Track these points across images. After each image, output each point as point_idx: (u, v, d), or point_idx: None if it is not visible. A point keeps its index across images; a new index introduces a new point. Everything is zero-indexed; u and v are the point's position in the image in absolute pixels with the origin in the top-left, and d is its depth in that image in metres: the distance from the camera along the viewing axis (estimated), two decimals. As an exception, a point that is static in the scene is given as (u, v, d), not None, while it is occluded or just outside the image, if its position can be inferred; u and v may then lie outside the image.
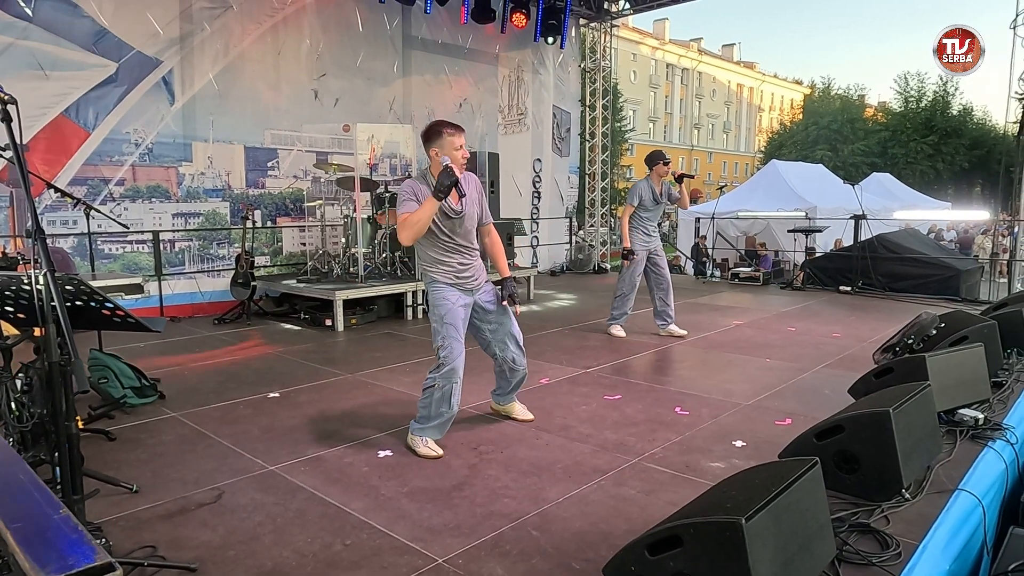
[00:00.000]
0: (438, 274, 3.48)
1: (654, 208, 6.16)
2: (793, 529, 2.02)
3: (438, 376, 3.40)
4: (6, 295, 1.89)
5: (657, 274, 6.22)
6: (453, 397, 3.41)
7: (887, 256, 9.09)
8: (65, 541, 0.85)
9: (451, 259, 3.48)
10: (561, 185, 12.24)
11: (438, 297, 3.47)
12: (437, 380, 3.40)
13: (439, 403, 3.41)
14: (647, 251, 6.18)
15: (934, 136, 32.20)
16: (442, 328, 3.43)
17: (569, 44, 11.66)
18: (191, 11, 7.33)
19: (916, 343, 4.46)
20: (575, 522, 2.69)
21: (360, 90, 8.90)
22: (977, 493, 2.84)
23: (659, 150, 6.31)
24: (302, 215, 8.41)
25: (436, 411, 3.42)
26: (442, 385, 3.39)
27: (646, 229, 6.16)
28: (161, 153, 7.28)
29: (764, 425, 3.83)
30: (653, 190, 6.10)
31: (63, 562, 0.83)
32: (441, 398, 3.40)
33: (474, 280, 3.56)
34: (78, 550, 0.85)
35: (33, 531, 0.89)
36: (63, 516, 0.97)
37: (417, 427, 3.48)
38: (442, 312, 3.44)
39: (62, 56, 6.50)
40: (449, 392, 3.40)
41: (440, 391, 3.39)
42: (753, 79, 59.02)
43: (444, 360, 3.40)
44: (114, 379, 4.09)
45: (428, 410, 3.43)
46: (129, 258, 7.21)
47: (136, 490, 2.94)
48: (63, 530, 0.87)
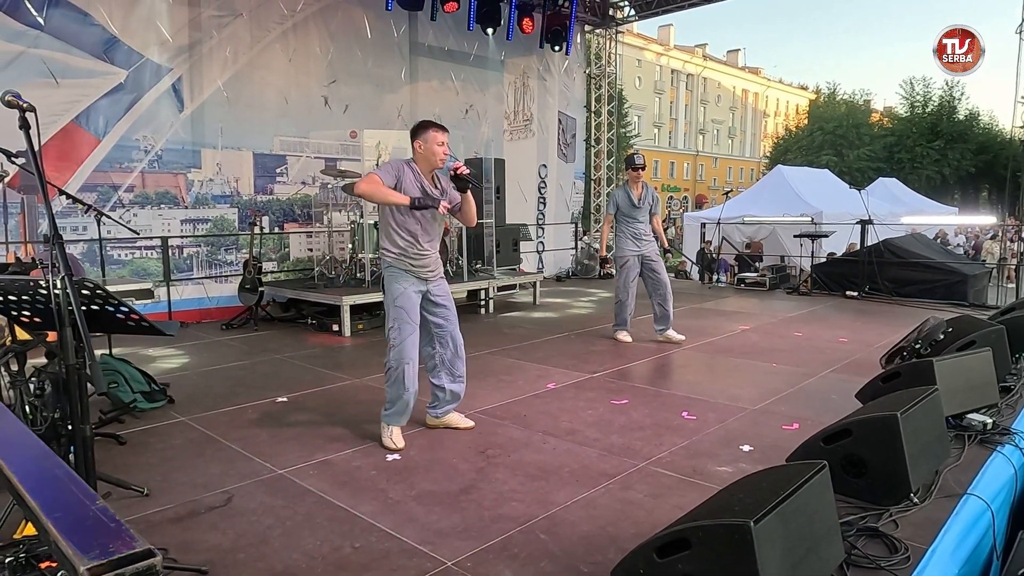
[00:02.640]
0: (395, 260, 3.64)
1: (634, 212, 6.13)
2: (801, 532, 2.02)
3: (391, 358, 3.62)
4: (23, 299, 1.92)
5: (654, 279, 6.17)
6: (407, 379, 3.57)
7: (894, 261, 9.07)
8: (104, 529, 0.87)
9: (410, 247, 3.63)
10: (566, 191, 12.26)
11: (392, 281, 3.66)
12: (391, 362, 3.61)
13: (395, 385, 3.60)
14: (638, 256, 6.16)
15: (940, 141, 32.11)
16: (393, 311, 3.62)
17: (574, 51, 11.70)
18: (200, 19, 7.40)
19: (924, 348, 4.45)
20: (583, 525, 2.70)
21: (369, 96, 8.96)
22: (986, 497, 2.83)
23: (631, 154, 6.25)
24: (310, 221, 8.45)
25: (395, 393, 3.61)
26: (395, 367, 3.59)
27: (634, 234, 6.15)
28: (170, 160, 7.34)
29: (771, 430, 3.83)
30: (629, 195, 6.12)
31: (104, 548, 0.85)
32: (397, 379, 3.59)
33: (429, 270, 3.69)
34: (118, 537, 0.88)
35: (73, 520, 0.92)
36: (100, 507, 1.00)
37: (384, 413, 3.68)
38: (395, 295, 3.63)
39: (73, 64, 6.57)
40: (402, 374, 3.57)
41: (394, 373, 3.59)
42: (758, 84, 59.02)
43: (394, 342, 3.60)
44: (124, 384, 4.12)
45: (388, 392, 3.66)
46: (138, 264, 7.26)
47: (147, 493, 2.97)
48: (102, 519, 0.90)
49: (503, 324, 7.45)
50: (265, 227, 8.03)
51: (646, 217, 6.22)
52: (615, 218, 6.28)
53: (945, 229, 19.15)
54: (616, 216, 6.26)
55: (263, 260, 7.86)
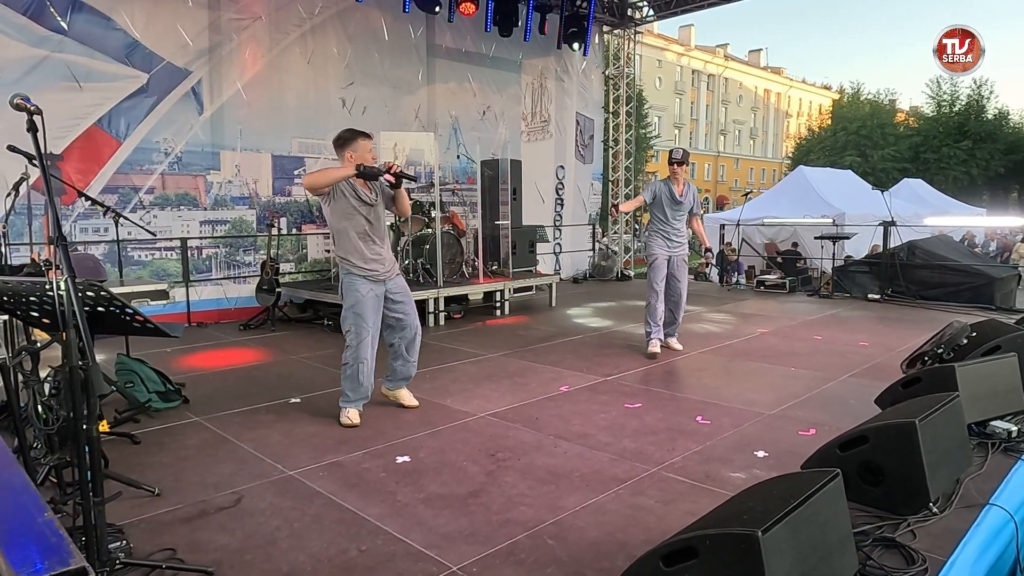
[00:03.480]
0: (352, 265, 3.92)
1: (673, 209, 5.76)
2: (812, 542, 1.97)
3: (348, 356, 3.95)
4: (31, 301, 1.94)
5: (672, 285, 5.88)
6: (361, 376, 3.94)
7: (917, 263, 8.89)
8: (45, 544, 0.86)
9: (363, 248, 3.91)
10: (584, 192, 12.21)
11: (349, 287, 3.94)
12: (348, 359, 3.95)
13: (351, 380, 3.95)
14: (667, 258, 5.82)
15: (968, 141, 31.45)
16: (350, 316, 3.94)
17: (592, 51, 11.65)
18: (220, 23, 7.48)
19: (946, 352, 4.35)
20: (591, 531, 2.67)
21: (386, 98, 8.99)
22: (1009, 508, 2.75)
23: (676, 148, 5.94)
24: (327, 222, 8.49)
25: (351, 387, 3.97)
26: (351, 363, 3.94)
27: (666, 234, 5.80)
28: (190, 162, 7.43)
29: (787, 435, 3.76)
30: (671, 189, 5.74)
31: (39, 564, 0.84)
32: (352, 375, 3.95)
33: (385, 271, 4.00)
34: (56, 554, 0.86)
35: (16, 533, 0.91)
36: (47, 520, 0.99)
37: (342, 400, 4.03)
38: (352, 302, 3.93)
39: (95, 68, 6.68)
40: (357, 371, 3.93)
41: (350, 369, 3.95)
42: (780, 84, 58.35)
43: (351, 343, 3.95)
44: (140, 383, 4.16)
45: (345, 386, 4.00)
46: (158, 264, 7.35)
47: (158, 493, 2.99)
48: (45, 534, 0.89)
49: (518, 326, 7.43)
50: (283, 228, 8.10)
51: (683, 217, 5.85)
52: (650, 213, 5.93)
53: (973, 231, 18.77)
54: (651, 211, 5.89)
55: (281, 261, 7.92)
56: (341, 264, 3.98)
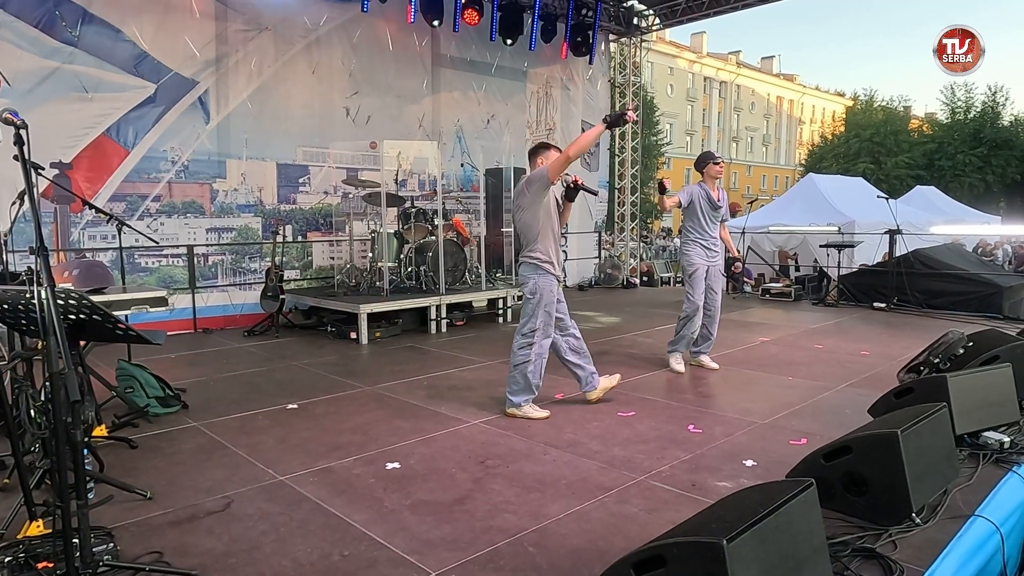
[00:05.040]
0: (547, 263, 4.22)
1: (712, 215, 5.48)
2: (782, 552, 1.98)
3: (531, 354, 4.20)
4: (17, 309, 2.00)
5: (707, 298, 5.55)
6: (541, 371, 4.25)
7: (924, 272, 8.82)
8: None
9: (555, 248, 4.27)
10: (590, 200, 12.21)
11: (546, 288, 4.21)
12: (531, 357, 4.19)
13: (534, 375, 4.21)
14: (706, 267, 5.50)
15: (983, 148, 31.13)
16: (542, 315, 4.21)
17: (598, 60, 11.70)
18: (227, 34, 7.61)
19: (943, 362, 4.32)
20: (573, 539, 2.68)
21: (391, 107, 9.09)
22: (995, 519, 2.73)
23: (708, 151, 5.63)
24: (332, 230, 8.60)
25: (525, 385, 4.22)
26: (535, 361, 4.21)
27: (704, 242, 5.47)
28: (196, 170, 7.55)
29: (778, 444, 3.75)
30: (710, 194, 5.47)
31: None
32: (536, 371, 4.22)
33: (561, 269, 4.37)
34: None
35: None
36: None
37: (519, 400, 4.25)
38: (547, 301, 4.21)
39: (105, 78, 6.82)
40: (539, 368, 4.23)
41: (532, 366, 4.20)
42: (793, 91, 58.11)
43: (536, 340, 4.22)
44: (139, 389, 4.24)
45: (525, 381, 4.21)
46: (164, 271, 7.46)
47: (150, 497, 3.04)
48: None
49: (520, 333, 7.44)
50: (288, 236, 8.19)
51: (718, 224, 5.60)
52: (684, 219, 5.53)
53: (987, 239, 18.55)
54: (685, 217, 5.52)
55: (287, 268, 8.01)
56: (534, 262, 4.21)
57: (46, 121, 6.39)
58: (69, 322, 1.83)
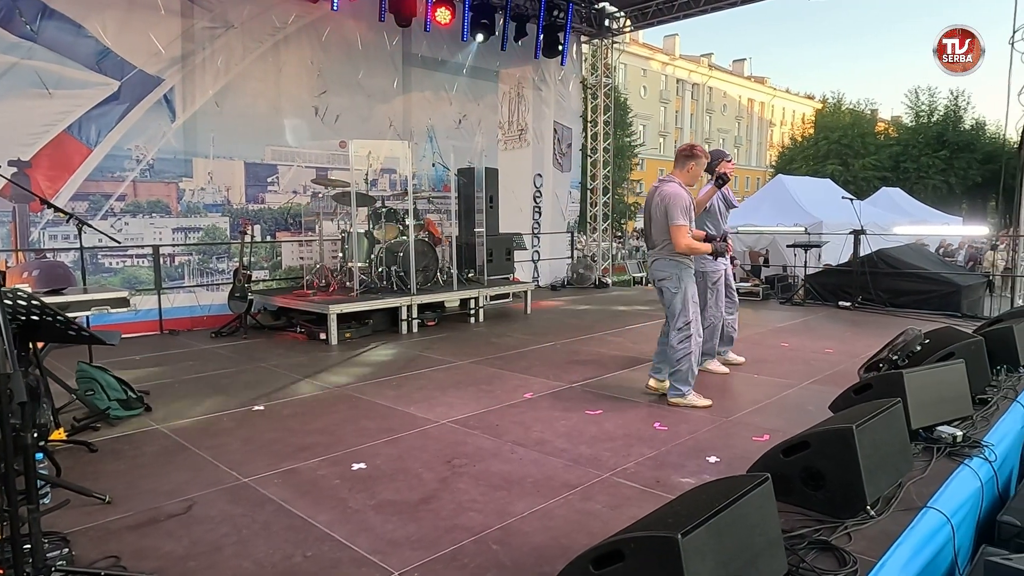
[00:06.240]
0: (686, 259, 4.54)
1: (727, 216, 5.53)
2: (738, 545, 2.02)
3: (692, 346, 4.46)
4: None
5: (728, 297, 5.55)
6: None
7: (887, 271, 9.02)
8: None
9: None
10: (562, 200, 12.29)
11: (691, 282, 4.57)
12: (692, 349, 4.46)
13: (695, 365, 4.52)
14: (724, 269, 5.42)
15: (946, 151, 31.99)
16: (692, 307, 4.53)
17: (570, 60, 11.76)
18: (193, 31, 7.49)
19: (901, 359, 4.43)
20: (536, 536, 2.70)
21: (361, 107, 9.03)
22: (946, 511, 2.81)
23: (720, 149, 5.57)
24: (301, 230, 8.52)
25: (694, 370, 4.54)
26: (695, 351, 4.49)
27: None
28: (162, 169, 7.42)
29: (741, 441, 3.81)
30: (725, 195, 5.47)
31: None
32: (695, 360, 4.51)
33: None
34: None
35: None
36: None
37: (684, 388, 4.51)
38: (693, 293, 4.57)
39: (66, 75, 6.67)
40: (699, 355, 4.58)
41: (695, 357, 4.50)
42: (764, 94, 58.99)
43: (695, 331, 4.52)
44: (100, 391, 4.15)
45: (691, 373, 4.51)
46: (129, 272, 7.32)
47: (108, 500, 2.99)
48: None
49: (491, 334, 7.46)
50: (257, 236, 8.09)
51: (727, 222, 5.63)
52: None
53: (948, 240, 19.05)
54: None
55: (255, 269, 7.91)
56: (673, 258, 4.50)
57: (4, 118, 6.26)
58: (19, 323, 1.79)
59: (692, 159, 4.57)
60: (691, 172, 4.58)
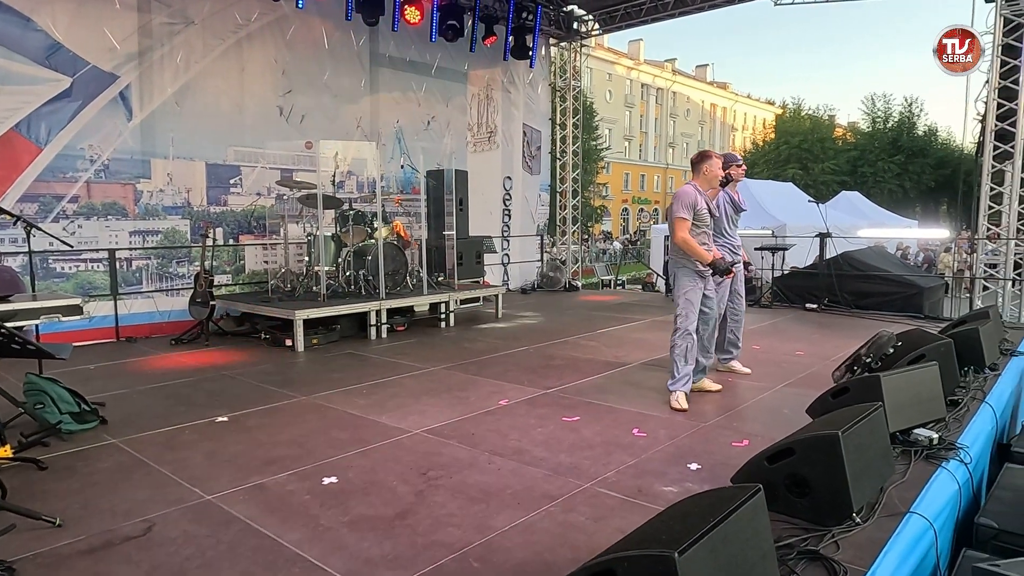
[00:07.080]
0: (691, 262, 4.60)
1: (734, 218, 5.50)
2: (733, 560, 1.95)
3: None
4: None
5: (733, 302, 5.55)
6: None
7: (852, 274, 9.17)
8: None
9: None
10: (532, 203, 12.22)
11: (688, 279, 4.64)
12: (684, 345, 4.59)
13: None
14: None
15: (901, 156, 32.97)
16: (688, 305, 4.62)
17: (539, 63, 11.71)
18: (150, 26, 7.21)
19: (874, 362, 4.46)
20: (519, 552, 2.60)
21: (327, 107, 8.82)
22: (929, 515, 2.79)
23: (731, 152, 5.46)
24: (265, 233, 8.27)
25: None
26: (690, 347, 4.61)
27: (733, 247, 5.43)
28: (118, 169, 7.11)
29: (721, 447, 3.77)
30: (733, 199, 5.46)
31: None
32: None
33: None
34: None
35: None
36: None
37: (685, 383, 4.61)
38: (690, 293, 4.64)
39: (13, 70, 6.34)
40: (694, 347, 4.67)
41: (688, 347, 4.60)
42: (726, 99, 60.02)
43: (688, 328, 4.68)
44: (51, 404, 3.92)
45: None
46: (83, 277, 7.00)
47: (59, 523, 2.79)
48: None
49: (463, 338, 7.33)
50: (219, 239, 7.83)
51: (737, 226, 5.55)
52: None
53: (907, 242, 19.57)
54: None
55: (217, 273, 7.65)
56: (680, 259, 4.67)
57: (-54, 115, 5.91)
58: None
59: (704, 160, 4.69)
60: (707, 173, 4.67)
